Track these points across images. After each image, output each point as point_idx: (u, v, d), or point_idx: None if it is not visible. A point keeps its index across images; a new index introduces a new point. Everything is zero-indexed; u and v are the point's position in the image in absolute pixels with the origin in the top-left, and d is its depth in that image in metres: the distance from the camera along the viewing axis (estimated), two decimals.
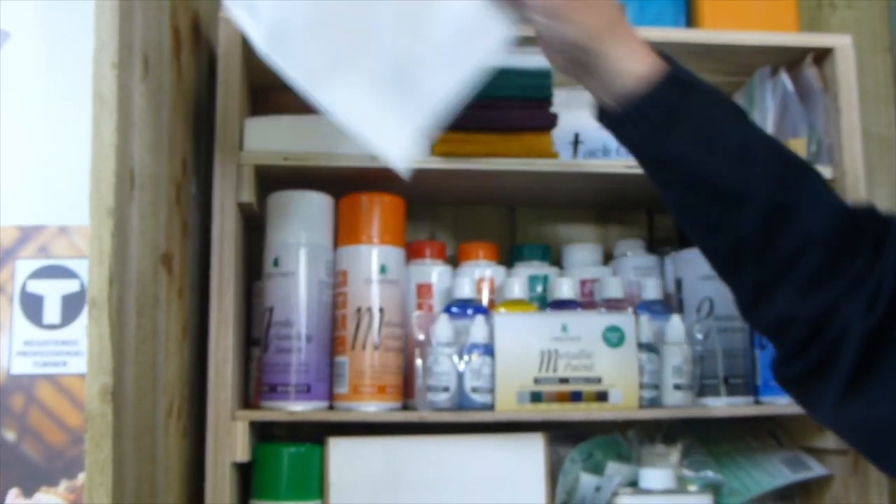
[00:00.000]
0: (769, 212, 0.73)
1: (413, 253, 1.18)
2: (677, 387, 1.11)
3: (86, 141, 0.72)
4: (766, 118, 1.19)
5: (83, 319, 0.78)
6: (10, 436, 0.78)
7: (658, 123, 0.76)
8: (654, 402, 1.11)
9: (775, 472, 1.17)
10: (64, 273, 0.80)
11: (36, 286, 0.80)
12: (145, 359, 0.85)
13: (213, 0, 1.15)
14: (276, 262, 1.08)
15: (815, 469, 1.16)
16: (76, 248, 0.80)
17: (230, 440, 1.02)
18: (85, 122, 0.72)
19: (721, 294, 1.12)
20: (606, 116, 0.80)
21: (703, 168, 0.74)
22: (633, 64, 0.76)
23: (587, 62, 0.77)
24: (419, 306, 1.15)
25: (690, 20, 1.28)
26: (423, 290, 1.17)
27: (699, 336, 1.14)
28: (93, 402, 0.71)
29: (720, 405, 1.13)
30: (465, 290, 1.13)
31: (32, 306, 0.80)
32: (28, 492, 0.77)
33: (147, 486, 0.86)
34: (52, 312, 0.80)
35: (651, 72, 0.76)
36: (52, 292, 0.80)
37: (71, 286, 0.80)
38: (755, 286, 0.75)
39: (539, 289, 1.20)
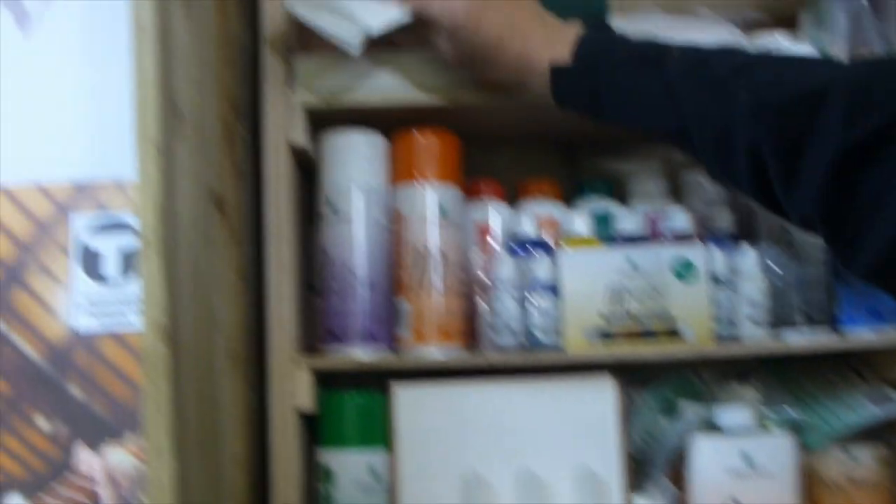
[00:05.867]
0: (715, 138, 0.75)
1: (470, 192, 1.14)
2: (753, 321, 1.05)
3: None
4: (837, 33, 1.12)
5: None
6: (75, 391, 0.77)
7: (582, 105, 0.87)
8: (729, 338, 1.05)
9: (860, 409, 1.11)
10: (121, 227, 0.79)
11: (93, 241, 0.79)
12: (201, 300, 0.83)
13: None
14: (330, 205, 1.05)
15: None
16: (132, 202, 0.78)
17: (293, 387, 1.00)
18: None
19: None
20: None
21: (640, 123, 0.83)
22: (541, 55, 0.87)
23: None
24: (479, 247, 1.12)
25: None
26: (483, 229, 1.13)
27: (774, 267, 1.08)
28: (148, 339, 0.69)
29: (800, 339, 1.07)
30: (526, 228, 1.09)
31: (91, 262, 0.78)
32: (94, 445, 0.76)
33: (211, 432, 0.85)
34: (110, 267, 0.78)
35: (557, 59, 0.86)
36: (110, 246, 0.79)
37: (128, 240, 0.79)
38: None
39: (603, 225, 1.15)
